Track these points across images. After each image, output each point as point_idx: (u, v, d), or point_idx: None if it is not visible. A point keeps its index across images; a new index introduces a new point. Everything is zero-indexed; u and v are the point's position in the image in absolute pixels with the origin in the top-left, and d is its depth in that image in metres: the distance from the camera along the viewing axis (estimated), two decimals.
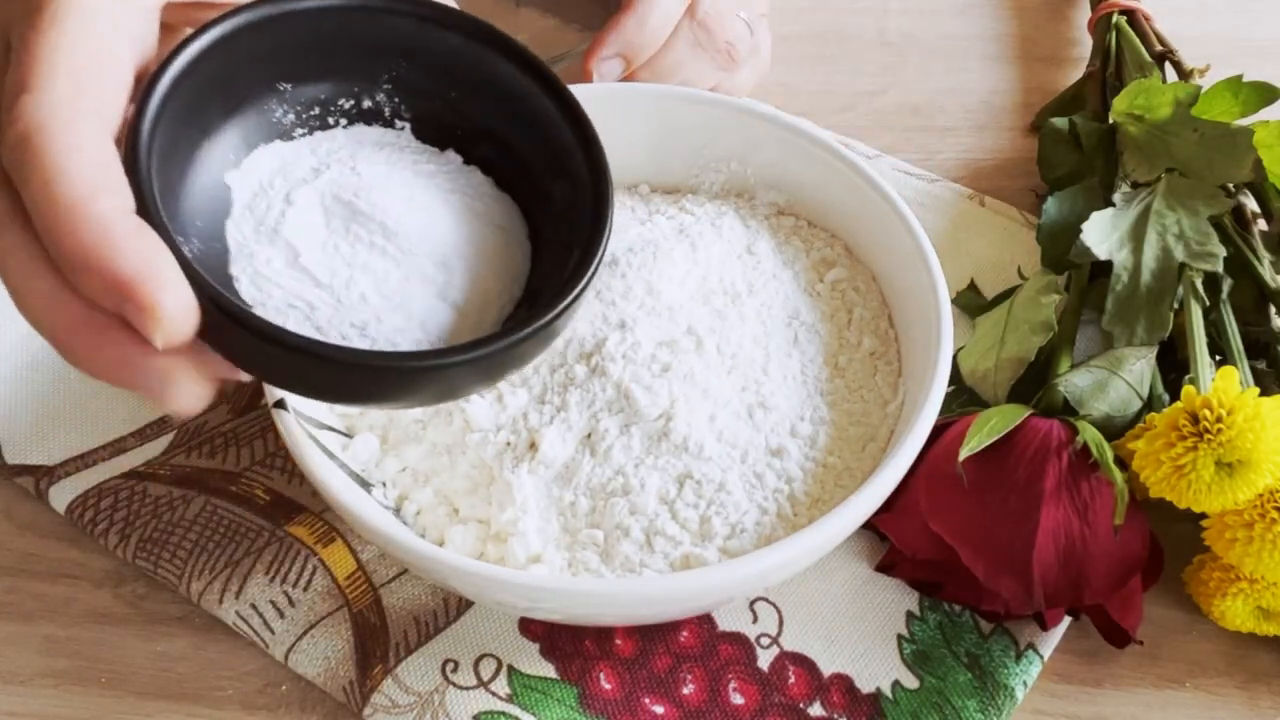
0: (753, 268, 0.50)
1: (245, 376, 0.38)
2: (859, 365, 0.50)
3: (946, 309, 0.47)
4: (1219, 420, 0.44)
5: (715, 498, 0.45)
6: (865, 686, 0.47)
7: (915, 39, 0.70)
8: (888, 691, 0.47)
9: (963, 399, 0.53)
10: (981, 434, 0.46)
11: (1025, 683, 0.47)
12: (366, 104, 0.43)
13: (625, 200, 0.54)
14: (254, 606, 0.48)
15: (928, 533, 0.46)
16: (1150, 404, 0.49)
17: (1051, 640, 0.48)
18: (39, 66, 0.35)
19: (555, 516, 0.45)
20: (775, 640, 0.48)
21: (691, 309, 0.48)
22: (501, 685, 0.46)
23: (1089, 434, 0.46)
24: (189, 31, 0.39)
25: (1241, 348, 0.49)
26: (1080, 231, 0.52)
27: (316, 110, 0.42)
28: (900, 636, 0.48)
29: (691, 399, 0.46)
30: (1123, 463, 0.47)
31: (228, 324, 0.36)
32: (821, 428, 0.47)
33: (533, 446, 0.45)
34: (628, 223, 0.51)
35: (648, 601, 0.43)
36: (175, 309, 0.34)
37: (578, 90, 0.54)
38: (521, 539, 0.44)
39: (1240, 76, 0.57)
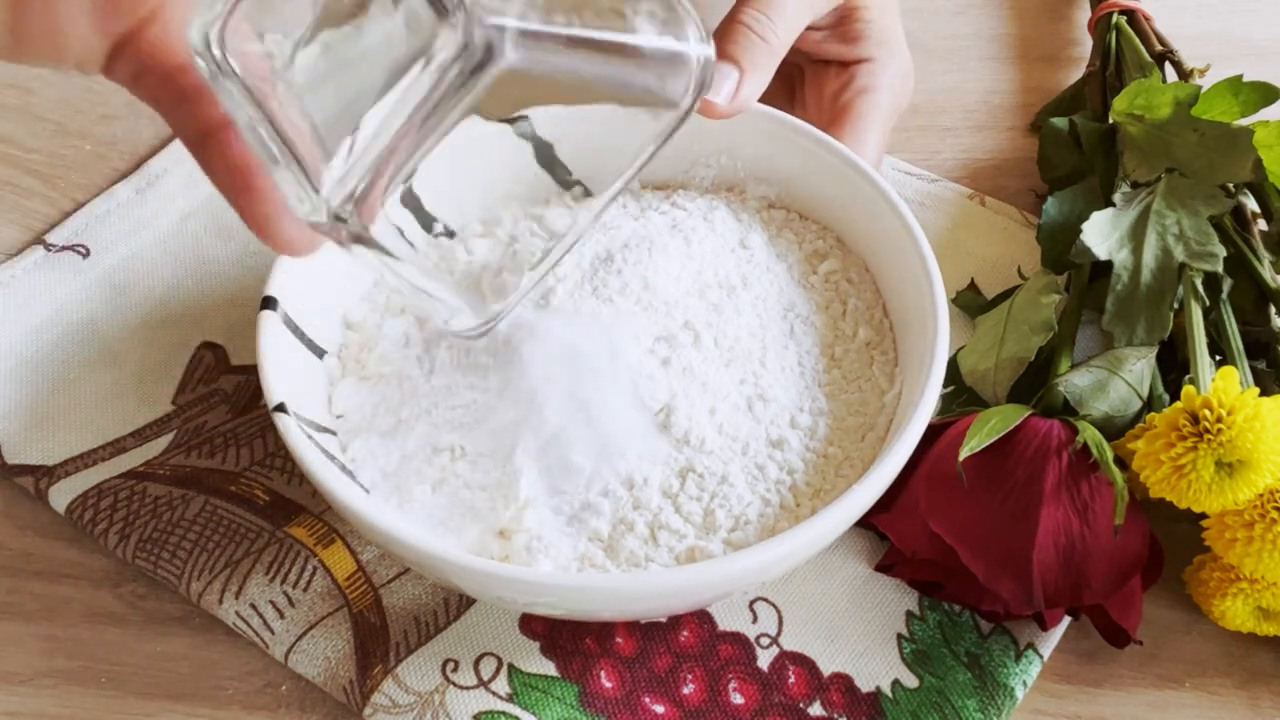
0: (746, 261, 0.51)
1: None
2: (855, 356, 0.50)
3: (941, 295, 0.47)
4: (1219, 420, 0.44)
5: (718, 490, 0.45)
6: (865, 686, 0.47)
7: (915, 39, 0.70)
8: (888, 691, 0.47)
9: (963, 399, 0.53)
10: (981, 434, 0.46)
11: (1025, 682, 0.47)
12: None
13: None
14: (254, 607, 0.48)
15: (928, 532, 0.46)
16: (1150, 404, 0.49)
17: (1051, 640, 0.48)
18: None
19: (559, 512, 0.45)
20: (775, 640, 0.48)
21: (688, 303, 0.48)
22: (502, 684, 0.46)
23: (1089, 434, 0.46)
24: None
25: (1241, 348, 0.49)
26: (1080, 231, 0.52)
27: None
28: (900, 636, 0.48)
29: (691, 393, 0.46)
30: (1123, 463, 0.47)
31: None
32: (820, 418, 0.48)
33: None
34: (620, 219, 0.51)
35: (653, 595, 0.43)
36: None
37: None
38: (525, 535, 0.44)
39: (1240, 76, 0.57)
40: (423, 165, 0.52)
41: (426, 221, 0.53)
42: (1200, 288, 0.50)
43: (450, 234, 0.54)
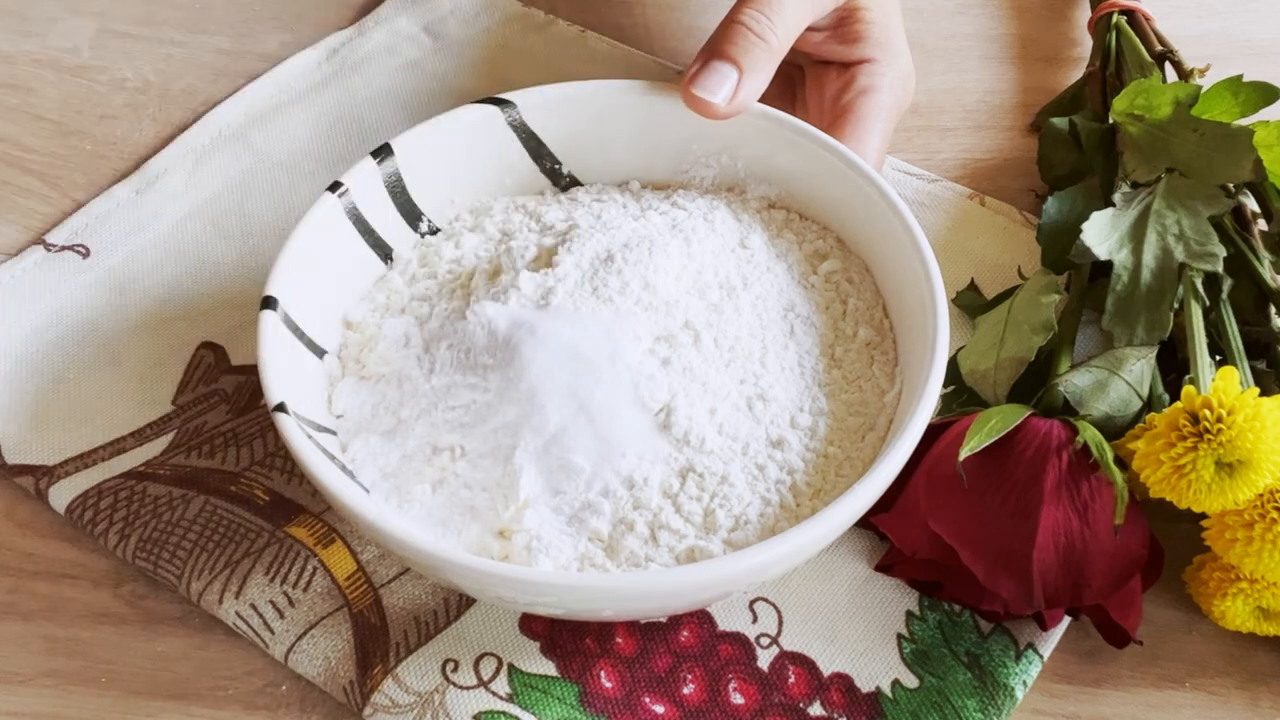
0: (747, 261, 0.51)
1: None
2: (855, 356, 0.50)
3: (941, 296, 0.47)
4: (1219, 420, 0.44)
5: (718, 490, 0.45)
6: (865, 686, 0.47)
7: (915, 39, 0.70)
8: (887, 691, 0.47)
9: (963, 399, 0.53)
10: (981, 434, 0.46)
11: (1025, 682, 0.47)
12: None
13: (617, 197, 0.54)
14: (254, 606, 0.48)
15: (928, 533, 0.46)
16: (1150, 404, 0.49)
17: (1051, 640, 0.48)
18: None
19: (559, 511, 0.45)
20: (775, 640, 0.48)
21: (688, 303, 0.48)
22: (502, 685, 0.46)
23: (1089, 434, 0.46)
24: None
25: (1241, 348, 0.49)
26: (1080, 231, 0.52)
27: None
28: (900, 636, 0.48)
29: (691, 392, 0.46)
30: (1123, 463, 0.47)
31: None
32: (820, 418, 0.48)
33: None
34: (621, 219, 0.51)
35: (653, 595, 0.43)
36: None
37: (553, 89, 0.54)
38: (525, 535, 0.44)
39: (1240, 76, 0.57)
40: (412, 155, 0.52)
41: (412, 216, 0.53)
42: (1200, 288, 0.50)
43: (434, 230, 0.54)
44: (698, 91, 0.52)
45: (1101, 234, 0.52)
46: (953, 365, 0.54)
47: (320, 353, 0.49)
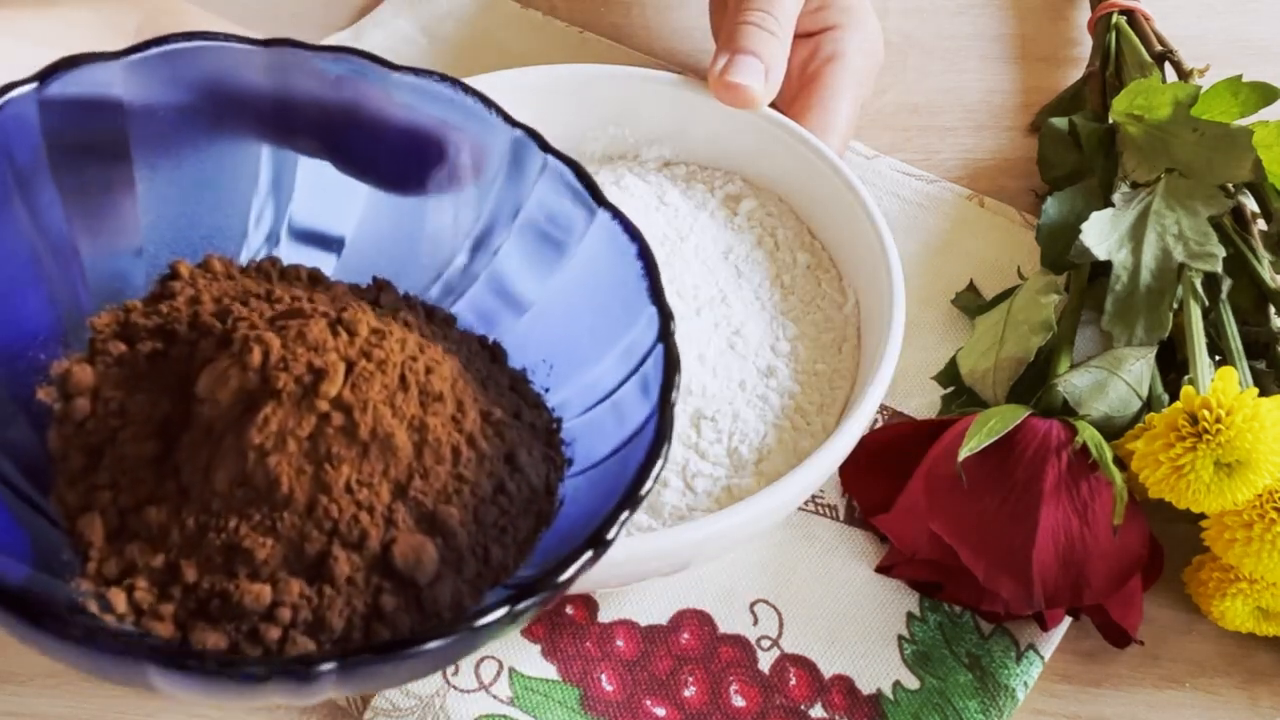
0: (673, 216, 0.52)
1: None
2: (803, 279, 0.52)
3: (870, 201, 0.49)
4: (1218, 421, 0.44)
5: (733, 429, 0.47)
6: (866, 687, 0.47)
7: (915, 39, 0.70)
8: (889, 692, 0.47)
9: (962, 399, 0.53)
10: (981, 434, 0.46)
11: (1026, 683, 0.47)
12: None
13: None
14: None
15: (928, 533, 0.46)
16: (1150, 404, 0.49)
17: (1052, 640, 0.48)
18: None
19: None
20: (776, 642, 0.48)
21: None
22: (503, 688, 0.46)
23: (1088, 434, 0.46)
24: None
25: (1241, 348, 0.49)
26: (1080, 231, 0.52)
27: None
28: (901, 637, 0.48)
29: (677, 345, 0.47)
30: (1122, 463, 0.47)
31: None
32: (797, 342, 0.50)
33: None
34: None
35: (726, 535, 0.43)
36: None
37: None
38: None
39: (1240, 76, 0.57)
40: None
41: None
42: (1199, 288, 0.50)
43: None
44: (737, 78, 0.53)
45: (1101, 234, 0.52)
46: (952, 365, 0.54)
47: None
